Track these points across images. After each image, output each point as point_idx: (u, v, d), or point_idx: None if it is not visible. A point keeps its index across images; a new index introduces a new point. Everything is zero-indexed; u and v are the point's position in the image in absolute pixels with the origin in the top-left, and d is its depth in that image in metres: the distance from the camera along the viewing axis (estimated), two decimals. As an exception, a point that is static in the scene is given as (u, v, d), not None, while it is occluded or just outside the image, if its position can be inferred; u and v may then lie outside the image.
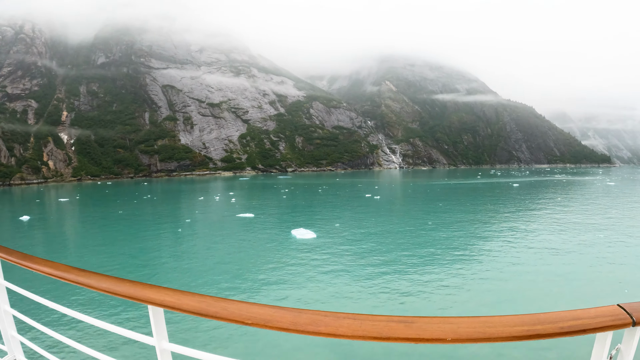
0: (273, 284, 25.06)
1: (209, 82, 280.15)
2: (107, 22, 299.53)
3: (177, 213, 66.69)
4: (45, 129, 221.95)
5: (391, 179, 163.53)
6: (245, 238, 40.51)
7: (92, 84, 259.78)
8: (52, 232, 51.21)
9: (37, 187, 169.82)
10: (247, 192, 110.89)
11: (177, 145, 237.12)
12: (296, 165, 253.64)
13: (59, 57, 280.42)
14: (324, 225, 46.81)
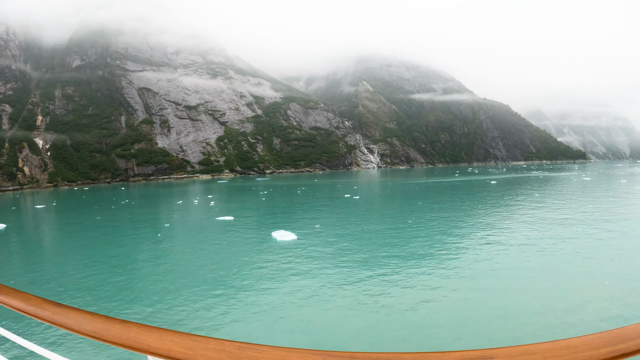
0: (255, 287, 25.00)
1: (186, 84, 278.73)
2: (82, 24, 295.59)
3: (155, 218, 66.93)
4: (20, 134, 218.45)
5: (370, 179, 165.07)
6: (225, 241, 40.62)
7: (67, 87, 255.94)
8: (28, 241, 50.85)
9: (12, 194, 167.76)
10: (225, 195, 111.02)
11: (155, 148, 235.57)
12: (274, 167, 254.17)
13: (33, 60, 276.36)
14: (304, 226, 47.33)
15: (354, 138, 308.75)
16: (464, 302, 21.19)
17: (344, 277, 25.73)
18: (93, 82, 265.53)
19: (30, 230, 61.58)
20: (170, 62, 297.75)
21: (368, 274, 26.08)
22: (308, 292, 22.98)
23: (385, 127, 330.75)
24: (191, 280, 26.95)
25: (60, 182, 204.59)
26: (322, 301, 21.71)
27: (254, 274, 27.75)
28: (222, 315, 20.42)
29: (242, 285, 25.51)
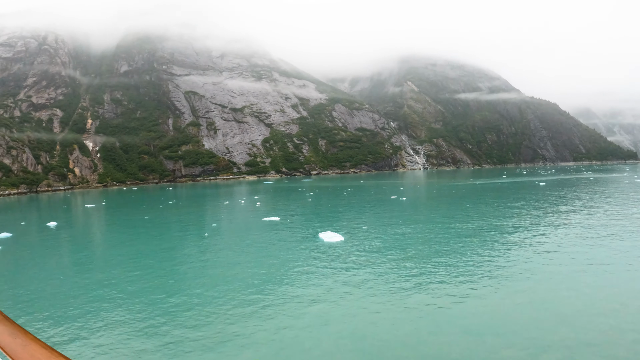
0: (301, 289, 24.28)
1: (231, 87, 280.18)
2: (129, 31, 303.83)
3: (202, 217, 66.88)
4: (70, 136, 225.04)
5: (416, 180, 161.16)
6: (272, 241, 39.90)
7: (115, 92, 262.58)
8: (78, 238, 51.54)
9: (63, 194, 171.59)
10: (272, 195, 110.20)
11: (201, 150, 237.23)
12: (320, 168, 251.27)
13: (82, 66, 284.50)
14: (351, 227, 46.03)
15: (400, 139, 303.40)
16: (513, 307, 20.39)
17: (390, 280, 25.10)
18: (141, 86, 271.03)
19: (80, 228, 62.65)
20: (216, 66, 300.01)
21: (415, 278, 25.38)
22: (354, 295, 22.51)
23: (431, 128, 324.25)
24: (236, 281, 26.63)
25: (109, 183, 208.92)
26: (369, 304, 21.08)
27: (300, 275, 27.19)
28: (266, 316, 20.05)
29: (288, 286, 25.03)
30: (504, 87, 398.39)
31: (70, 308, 22.68)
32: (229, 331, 18.28)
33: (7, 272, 33.39)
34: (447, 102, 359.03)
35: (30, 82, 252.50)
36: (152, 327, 19.16)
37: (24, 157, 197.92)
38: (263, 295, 23.14)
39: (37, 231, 58.99)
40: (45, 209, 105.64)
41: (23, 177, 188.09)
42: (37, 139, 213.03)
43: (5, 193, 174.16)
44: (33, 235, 54.85)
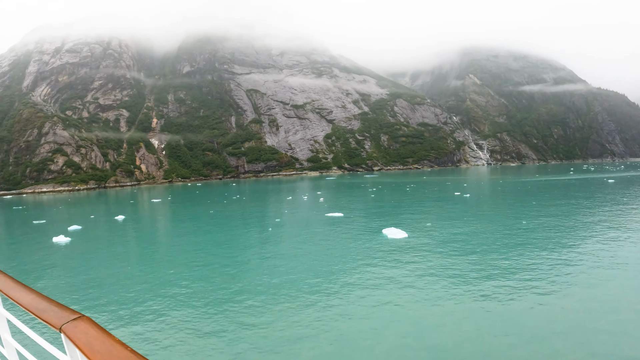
0: (365, 285, 23.75)
1: (292, 84, 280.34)
2: (189, 33, 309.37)
3: (266, 212, 67.20)
4: (137, 135, 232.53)
5: (479, 177, 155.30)
6: (335, 237, 39.52)
7: (179, 92, 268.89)
8: (145, 231, 53.78)
9: (130, 189, 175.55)
10: (334, 191, 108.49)
11: (264, 146, 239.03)
12: (382, 163, 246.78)
13: (146, 68, 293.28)
14: (414, 224, 45.20)
15: (463, 134, 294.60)
16: (580, 312, 19.33)
17: (454, 279, 24.27)
18: (203, 86, 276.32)
19: (147, 222, 65.42)
20: (276, 64, 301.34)
21: (479, 278, 24.49)
22: (418, 293, 21.98)
23: (495, 122, 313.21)
24: (299, 276, 26.26)
25: (174, 179, 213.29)
26: (432, 303, 20.52)
27: (363, 271, 26.58)
28: (328, 312, 19.68)
29: (351, 282, 24.50)
30: (569, 78, 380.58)
31: (132, 296, 23.50)
32: (290, 326, 18.09)
33: (75, 262, 34.72)
34: (511, 95, 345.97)
35: (96, 85, 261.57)
36: (213, 320, 19.28)
37: (92, 155, 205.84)
38: (325, 291, 22.82)
39: (105, 224, 61.29)
40: (113, 203, 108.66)
41: (92, 173, 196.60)
42: (105, 137, 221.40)
43: (75, 189, 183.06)
44: (101, 228, 57.31)
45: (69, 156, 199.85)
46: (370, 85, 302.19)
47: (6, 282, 3.91)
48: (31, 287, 3.63)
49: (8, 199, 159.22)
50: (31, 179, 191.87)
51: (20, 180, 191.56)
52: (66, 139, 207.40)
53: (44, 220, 69.44)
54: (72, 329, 2.72)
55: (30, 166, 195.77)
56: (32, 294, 3.34)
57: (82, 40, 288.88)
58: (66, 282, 27.95)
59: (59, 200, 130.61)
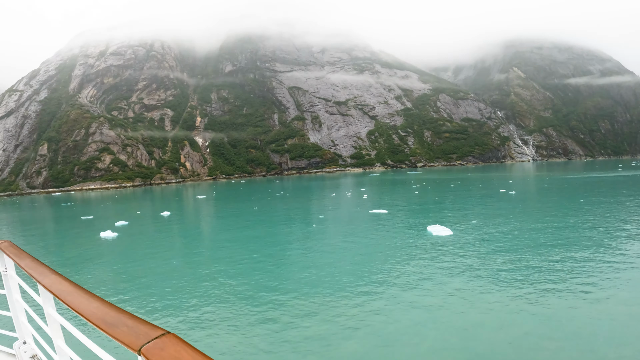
0: (409, 283, 22.95)
1: (334, 81, 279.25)
2: (230, 33, 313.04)
3: (309, 209, 66.42)
4: (181, 134, 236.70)
5: (525, 173, 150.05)
6: (380, 234, 38.43)
7: (222, 90, 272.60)
8: (190, 227, 53.88)
9: (175, 186, 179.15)
10: (378, 188, 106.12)
11: (307, 143, 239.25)
12: (425, 160, 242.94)
13: (188, 69, 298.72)
14: (459, 221, 43.53)
15: (507, 129, 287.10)
16: (630, 316, 17.93)
17: (500, 279, 23.31)
18: (245, 84, 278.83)
19: (192, 218, 65.61)
20: (317, 61, 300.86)
21: (525, 277, 23.40)
22: (463, 292, 21.13)
23: (540, 116, 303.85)
24: (343, 272, 25.79)
25: (218, 176, 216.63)
26: (477, 303, 19.70)
27: (408, 268, 25.88)
28: (372, 309, 19.17)
29: (395, 279, 23.85)
30: (616, 70, 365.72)
31: (175, 290, 23.64)
32: (333, 322, 17.75)
33: (121, 256, 35.09)
34: (556, 88, 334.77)
35: (141, 85, 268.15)
36: (256, 315, 19.06)
37: (138, 153, 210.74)
38: (369, 289, 22.21)
39: (151, 220, 62.00)
40: (158, 200, 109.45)
41: (138, 171, 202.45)
42: (150, 136, 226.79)
43: (121, 186, 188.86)
44: (147, 224, 57.70)
45: (116, 155, 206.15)
46: (413, 80, 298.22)
47: (66, 287, 3.47)
48: (96, 295, 3.17)
49: (57, 196, 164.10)
50: (79, 177, 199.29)
51: (68, 178, 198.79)
52: (112, 138, 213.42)
53: (92, 216, 71.53)
54: (156, 351, 2.25)
55: (78, 164, 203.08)
56: (97, 302, 2.94)
57: (125, 43, 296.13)
58: (111, 275, 28.46)
59: (106, 197, 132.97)
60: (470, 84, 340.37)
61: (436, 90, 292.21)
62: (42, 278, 3.81)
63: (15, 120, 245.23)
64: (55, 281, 3.67)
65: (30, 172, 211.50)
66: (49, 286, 3.48)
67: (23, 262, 4.30)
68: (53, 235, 55.08)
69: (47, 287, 3.48)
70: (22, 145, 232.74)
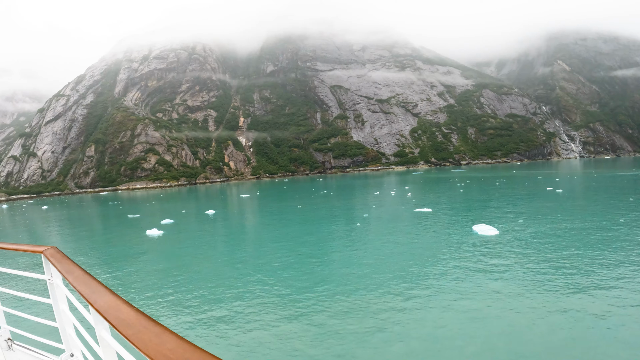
0: (455, 282, 22.71)
1: (375, 78, 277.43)
2: (270, 33, 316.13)
3: (353, 208, 65.90)
4: (225, 134, 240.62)
5: (572, 170, 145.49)
6: (425, 233, 38.36)
7: (264, 91, 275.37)
8: (234, 225, 54.63)
9: (219, 185, 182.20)
10: (422, 186, 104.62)
11: (350, 142, 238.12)
12: (470, 157, 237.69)
13: (230, 70, 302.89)
14: (505, 220, 42.79)
15: (553, 124, 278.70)
16: None
17: (547, 280, 22.64)
18: (287, 84, 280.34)
19: (236, 216, 66.17)
20: (358, 59, 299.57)
21: (573, 280, 22.65)
22: (509, 293, 20.59)
23: (587, 111, 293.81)
24: (387, 272, 25.49)
25: (262, 175, 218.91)
26: (524, 305, 19.08)
27: (453, 268, 25.48)
28: (417, 309, 18.93)
29: (440, 279, 23.54)
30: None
31: (218, 286, 24.05)
32: (377, 323, 17.53)
33: (167, 253, 36.24)
34: (602, 81, 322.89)
35: (184, 87, 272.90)
36: (300, 315, 18.92)
37: (183, 153, 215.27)
38: (414, 288, 22.14)
39: (196, 218, 63.36)
40: (203, 198, 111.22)
41: (183, 171, 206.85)
42: (194, 137, 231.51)
43: (167, 185, 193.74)
44: (192, 222, 59.20)
45: (161, 155, 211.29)
46: (455, 76, 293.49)
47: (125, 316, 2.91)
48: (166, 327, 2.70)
49: (104, 195, 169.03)
50: (125, 177, 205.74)
51: (115, 178, 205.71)
52: (157, 139, 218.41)
53: (138, 214, 73.76)
54: None
55: (125, 165, 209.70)
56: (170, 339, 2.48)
57: (167, 47, 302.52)
58: (156, 272, 28.95)
59: (152, 196, 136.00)
60: (514, 79, 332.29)
61: (479, 85, 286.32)
62: (94, 298, 3.31)
63: (63, 123, 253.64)
64: (110, 304, 3.14)
65: (78, 173, 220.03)
66: (103, 311, 2.98)
67: (71, 275, 3.94)
68: (101, 233, 57.18)
69: (101, 313, 2.98)
70: (70, 147, 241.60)
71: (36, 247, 4.76)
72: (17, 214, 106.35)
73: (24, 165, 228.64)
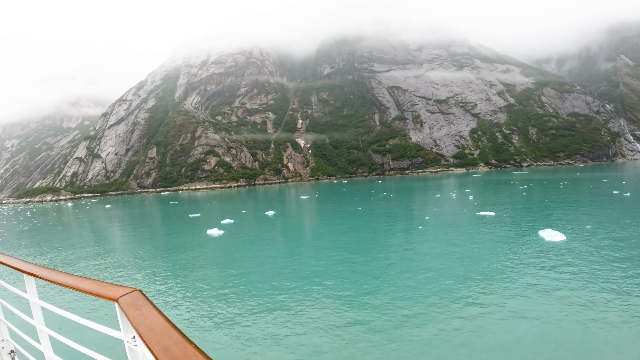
0: (519, 289, 21.58)
1: (433, 78, 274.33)
2: (326, 36, 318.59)
3: (414, 210, 64.63)
4: (283, 136, 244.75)
5: (638, 173, 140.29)
6: (488, 237, 37.05)
7: (321, 93, 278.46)
8: (294, 226, 54.49)
9: (278, 186, 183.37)
10: (483, 188, 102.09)
11: (408, 143, 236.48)
12: (531, 159, 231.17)
13: (288, 73, 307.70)
14: (572, 226, 40.46)
15: (617, 124, 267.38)
16: None
17: (623, 291, 20.92)
18: (344, 86, 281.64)
19: (296, 217, 65.74)
20: (415, 59, 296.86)
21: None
22: (582, 305, 19.17)
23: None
24: (446, 276, 24.79)
25: (320, 176, 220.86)
26: (599, 318, 17.54)
27: (519, 276, 24.25)
28: (476, 317, 18.00)
29: (503, 286, 22.41)
30: None
31: (275, 287, 24.18)
32: (437, 330, 16.93)
33: (227, 253, 36.63)
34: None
35: (242, 91, 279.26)
36: (359, 319, 18.54)
37: (242, 155, 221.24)
38: (477, 295, 21.22)
39: (256, 219, 63.19)
40: (262, 199, 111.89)
41: (242, 172, 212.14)
42: (253, 139, 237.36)
43: (226, 186, 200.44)
44: (252, 222, 59.03)
45: (221, 157, 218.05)
46: (514, 74, 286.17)
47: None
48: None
49: (165, 195, 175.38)
50: (186, 178, 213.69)
51: (176, 179, 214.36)
52: (217, 141, 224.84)
53: (199, 214, 75.26)
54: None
55: (185, 166, 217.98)
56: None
57: (225, 52, 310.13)
58: (217, 270, 29.58)
59: (212, 196, 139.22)
60: (576, 76, 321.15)
61: (540, 83, 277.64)
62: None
63: (126, 126, 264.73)
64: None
65: (141, 173, 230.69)
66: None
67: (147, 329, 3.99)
68: (163, 231, 58.68)
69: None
70: (132, 149, 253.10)
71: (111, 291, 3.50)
72: (82, 212, 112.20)
73: (89, 166, 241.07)
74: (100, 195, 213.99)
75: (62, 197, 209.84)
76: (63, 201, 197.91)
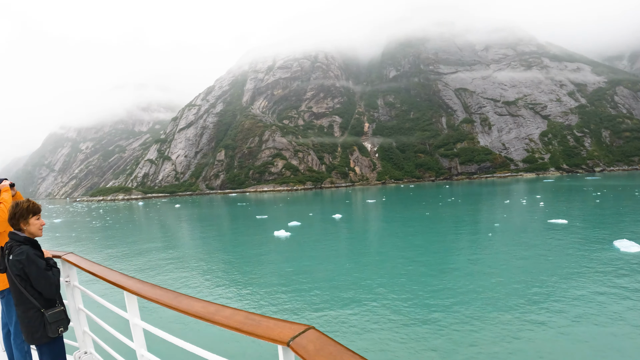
0: (589, 303, 20.70)
1: (501, 79, 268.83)
2: (390, 38, 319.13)
3: (484, 216, 63.10)
4: (350, 139, 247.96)
5: None
6: (560, 246, 36.12)
7: (387, 96, 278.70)
8: (360, 230, 54.19)
9: (345, 190, 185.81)
10: (554, 195, 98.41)
11: (477, 147, 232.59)
12: (604, 163, 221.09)
13: (353, 77, 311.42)
14: None
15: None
16: None
17: None
18: (411, 88, 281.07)
19: (363, 221, 65.74)
20: (481, 60, 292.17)
21: None
22: None
23: None
24: (518, 287, 24.07)
25: (387, 180, 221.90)
26: None
27: (594, 289, 23.24)
28: (545, 331, 17.47)
29: (576, 302, 21.17)
30: None
31: (338, 292, 24.20)
32: (502, 342, 16.48)
33: (294, 255, 37.01)
34: None
35: (309, 95, 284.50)
36: (423, 324, 18.68)
37: (309, 158, 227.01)
38: (548, 307, 20.43)
39: (323, 222, 63.02)
40: (329, 203, 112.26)
41: (309, 175, 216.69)
42: (320, 142, 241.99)
43: (293, 189, 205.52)
44: (319, 225, 58.88)
45: (288, 160, 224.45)
46: (585, 73, 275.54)
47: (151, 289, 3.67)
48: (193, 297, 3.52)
49: (233, 196, 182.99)
50: (253, 180, 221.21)
51: (244, 181, 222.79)
52: (284, 145, 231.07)
53: (266, 215, 77.48)
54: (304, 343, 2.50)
55: (253, 169, 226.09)
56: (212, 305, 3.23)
57: (290, 57, 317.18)
58: (285, 272, 29.96)
59: (279, 198, 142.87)
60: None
61: (612, 82, 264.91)
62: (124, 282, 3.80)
63: (195, 130, 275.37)
64: (141, 286, 3.66)
65: (209, 175, 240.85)
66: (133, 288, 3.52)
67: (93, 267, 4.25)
68: (231, 232, 59.48)
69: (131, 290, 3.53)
70: (201, 152, 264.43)
71: None
72: (152, 211, 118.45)
73: (159, 168, 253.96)
74: (170, 195, 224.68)
75: (134, 196, 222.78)
76: (134, 200, 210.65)
